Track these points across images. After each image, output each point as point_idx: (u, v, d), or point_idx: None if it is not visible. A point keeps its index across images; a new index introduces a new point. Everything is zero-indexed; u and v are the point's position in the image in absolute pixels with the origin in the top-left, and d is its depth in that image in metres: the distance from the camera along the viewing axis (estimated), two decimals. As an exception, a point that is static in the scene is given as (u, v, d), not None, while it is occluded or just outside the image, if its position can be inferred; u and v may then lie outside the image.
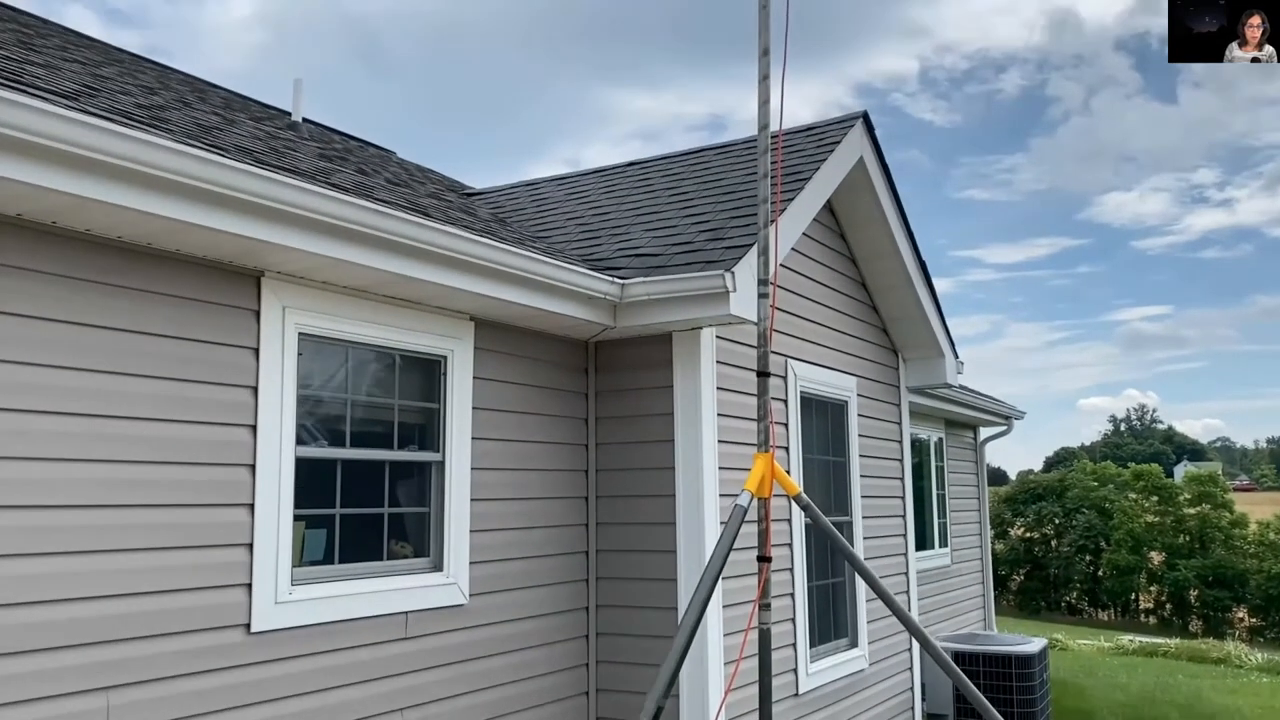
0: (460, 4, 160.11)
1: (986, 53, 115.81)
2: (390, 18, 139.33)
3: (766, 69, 4.79)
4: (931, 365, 8.99)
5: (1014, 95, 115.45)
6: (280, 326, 4.40)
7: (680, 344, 6.01)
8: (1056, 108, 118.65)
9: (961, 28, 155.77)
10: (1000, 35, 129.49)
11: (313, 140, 7.59)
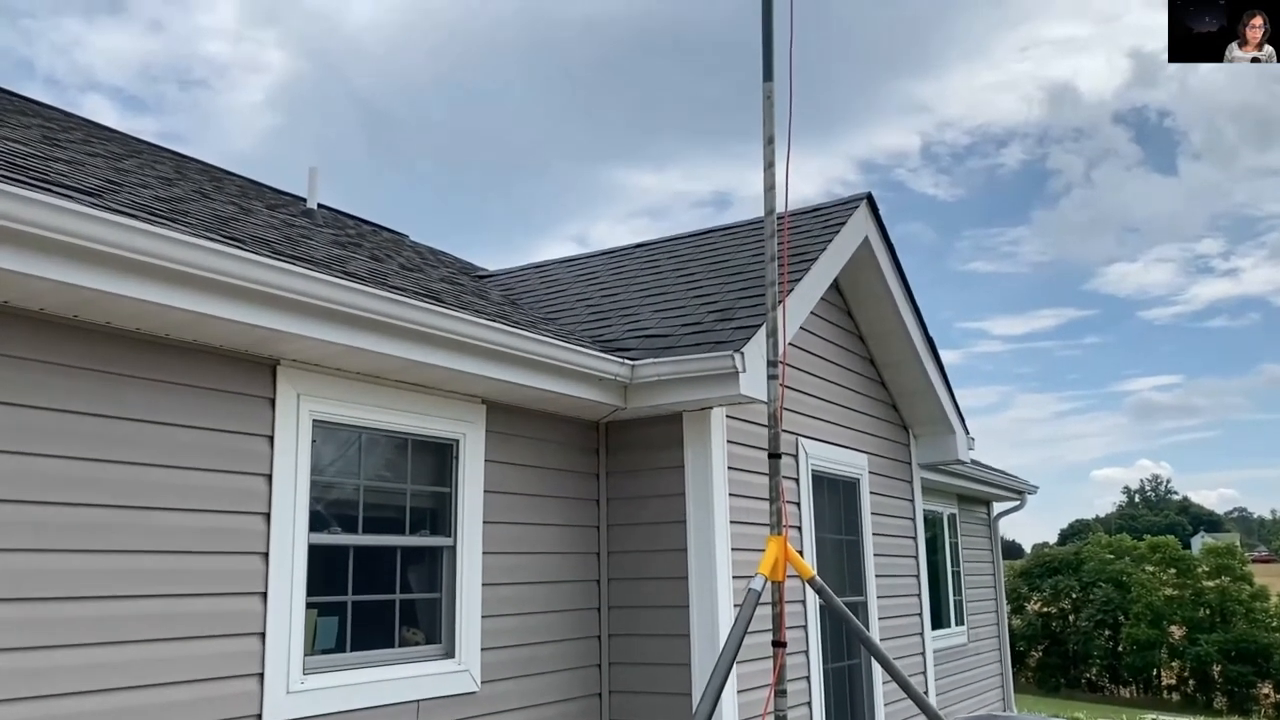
0: (467, 85, 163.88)
1: (987, 128, 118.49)
2: (399, 100, 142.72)
3: (771, 156, 4.90)
4: (943, 441, 8.97)
5: (1015, 169, 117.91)
6: (295, 414, 4.44)
7: (691, 424, 6.03)
8: (1058, 180, 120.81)
9: (962, 104, 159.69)
10: (1000, 110, 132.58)
11: (327, 227, 7.72)
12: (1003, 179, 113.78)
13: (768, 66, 4.91)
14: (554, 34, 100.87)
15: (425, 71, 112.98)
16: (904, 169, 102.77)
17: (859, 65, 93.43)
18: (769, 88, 4.90)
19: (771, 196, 4.95)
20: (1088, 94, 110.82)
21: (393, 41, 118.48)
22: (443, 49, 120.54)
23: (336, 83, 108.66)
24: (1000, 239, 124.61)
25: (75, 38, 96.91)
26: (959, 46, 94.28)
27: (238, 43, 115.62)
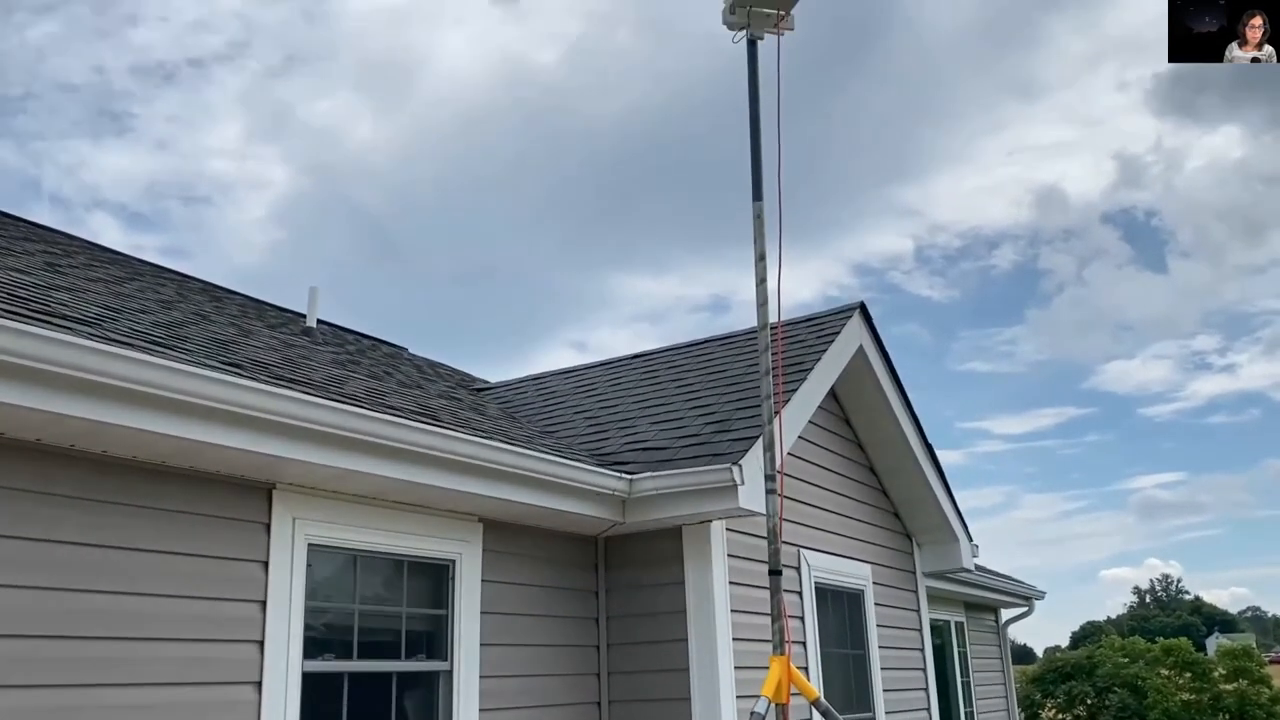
0: (466, 196, 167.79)
1: (978, 230, 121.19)
2: (399, 214, 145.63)
3: (763, 272, 4.97)
4: (946, 549, 8.87)
5: (1008, 270, 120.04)
6: (290, 538, 4.40)
7: (690, 538, 5.96)
8: (1050, 280, 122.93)
9: (952, 207, 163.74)
10: (990, 213, 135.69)
11: (327, 345, 7.78)
12: (996, 280, 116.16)
13: (756, 186, 5.02)
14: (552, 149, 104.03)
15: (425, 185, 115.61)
16: (898, 271, 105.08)
17: (849, 172, 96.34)
18: (759, 207, 5.00)
19: (764, 311, 5.00)
20: (1075, 196, 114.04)
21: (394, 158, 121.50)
22: (443, 164, 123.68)
23: (339, 198, 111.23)
24: (996, 339, 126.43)
25: (82, 158, 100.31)
26: (946, 153, 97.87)
27: (242, 160, 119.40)
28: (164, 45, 50.44)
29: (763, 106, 5.11)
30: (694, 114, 23.66)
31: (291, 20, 57.85)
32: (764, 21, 5.02)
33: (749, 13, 4.99)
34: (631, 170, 57.96)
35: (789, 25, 5.04)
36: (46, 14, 46.58)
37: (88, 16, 54.76)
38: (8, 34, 41.17)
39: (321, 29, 51.52)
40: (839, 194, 56.64)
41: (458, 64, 62.21)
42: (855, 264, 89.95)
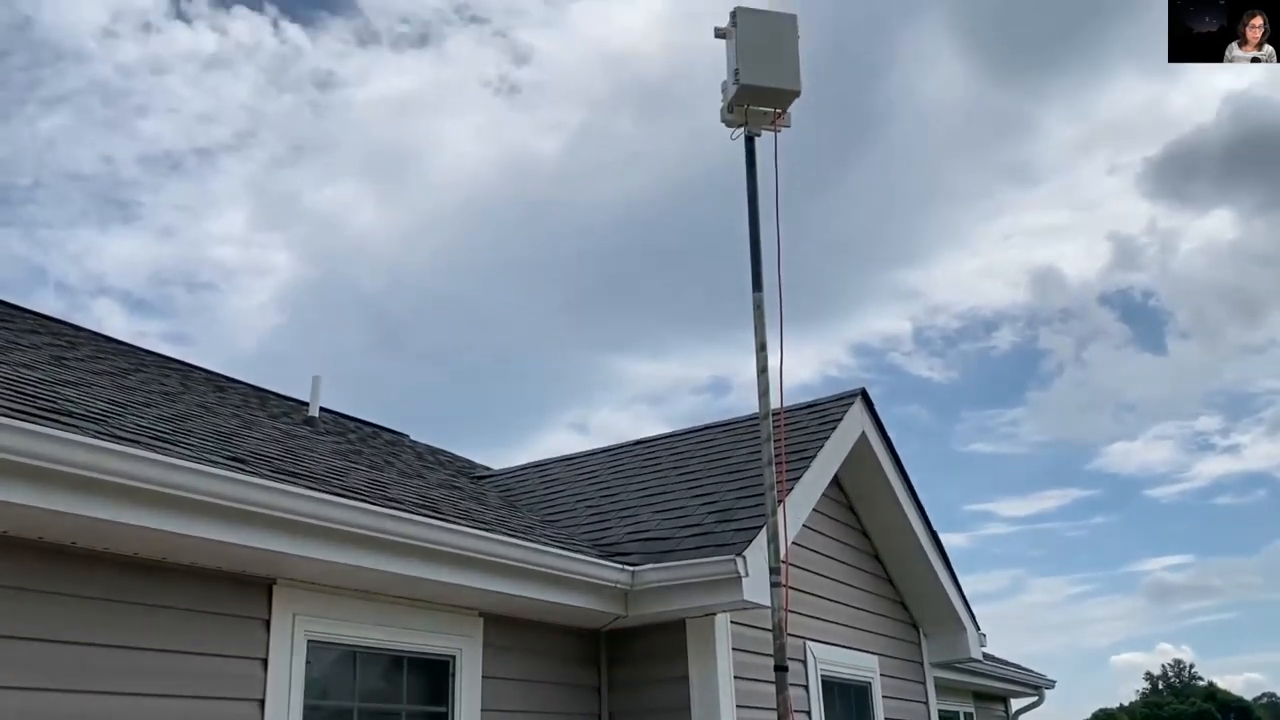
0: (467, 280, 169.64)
1: (976, 312, 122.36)
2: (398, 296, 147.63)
3: (764, 361, 5.00)
4: (953, 639, 8.73)
5: (1007, 351, 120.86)
6: (290, 635, 4.34)
7: (694, 632, 5.88)
8: (1049, 361, 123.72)
9: (950, 289, 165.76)
10: (988, 295, 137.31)
11: (329, 434, 7.78)
12: (996, 361, 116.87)
13: (756, 277, 5.08)
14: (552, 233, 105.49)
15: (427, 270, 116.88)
16: (898, 353, 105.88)
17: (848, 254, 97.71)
18: (759, 297, 5.05)
19: (766, 401, 5.01)
20: (1072, 277, 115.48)
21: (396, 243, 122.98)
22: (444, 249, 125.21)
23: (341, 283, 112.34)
24: (999, 420, 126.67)
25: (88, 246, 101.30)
26: (944, 236, 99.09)
27: (246, 247, 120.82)
28: (172, 135, 52.08)
29: (762, 198, 5.21)
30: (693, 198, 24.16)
31: (298, 111, 59.65)
32: (761, 119, 5.13)
33: (746, 111, 5.11)
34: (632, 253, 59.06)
35: (786, 123, 5.16)
36: (57, 105, 48.22)
37: (97, 108, 56.62)
38: (20, 126, 42.54)
39: (327, 119, 53.22)
40: (838, 276, 57.70)
41: (460, 152, 64.26)
42: (855, 345, 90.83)
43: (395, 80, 19.75)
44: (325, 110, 18.97)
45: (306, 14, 20.69)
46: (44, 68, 17.31)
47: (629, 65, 16.46)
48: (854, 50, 13.41)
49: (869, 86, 13.66)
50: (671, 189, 16.90)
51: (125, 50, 17.86)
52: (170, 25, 17.64)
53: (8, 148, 18.23)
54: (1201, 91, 25.88)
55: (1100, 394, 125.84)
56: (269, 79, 18.74)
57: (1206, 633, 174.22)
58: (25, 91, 17.61)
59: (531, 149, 16.72)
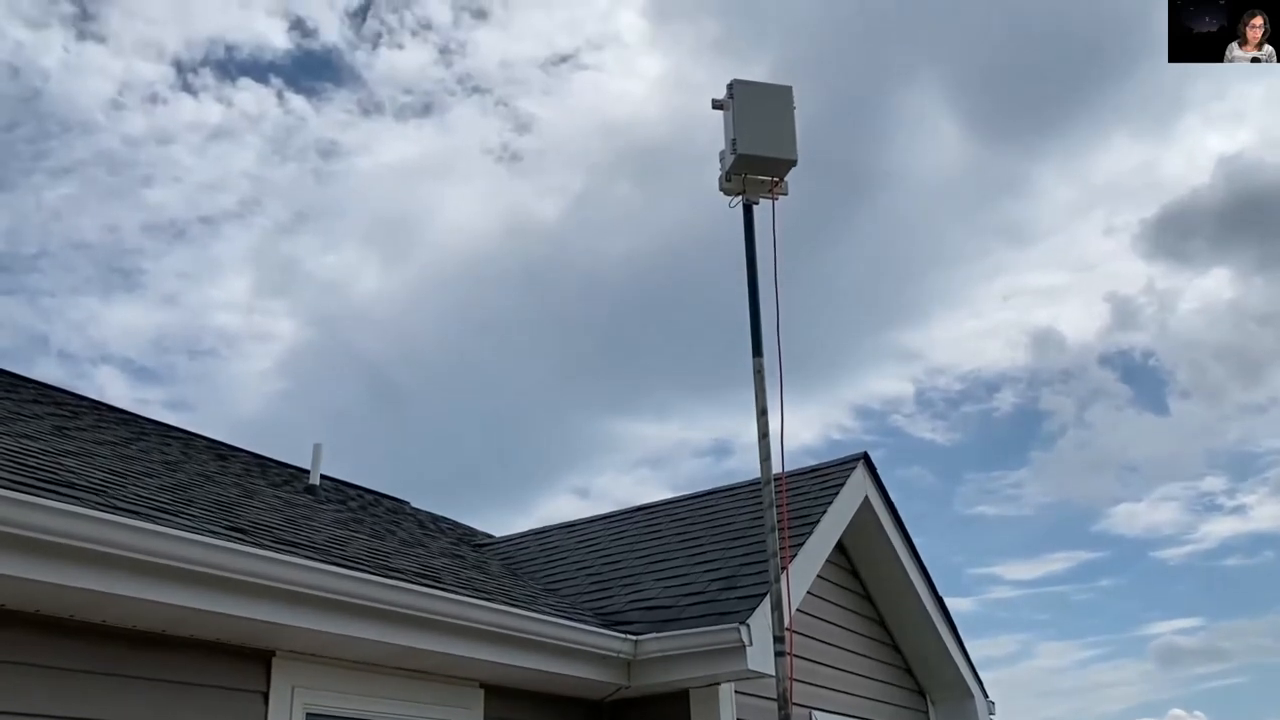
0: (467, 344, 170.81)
1: (977, 373, 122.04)
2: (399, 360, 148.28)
3: (765, 427, 5.00)
4: (961, 707, 8.60)
5: (1009, 412, 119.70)
6: (289, 708, 4.28)
7: (698, 702, 5.80)
8: (1051, 422, 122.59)
9: (951, 351, 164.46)
10: (988, 356, 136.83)
11: (329, 502, 7.76)
12: (998, 422, 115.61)
13: (756, 342, 5.10)
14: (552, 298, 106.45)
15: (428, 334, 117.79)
16: (900, 415, 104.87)
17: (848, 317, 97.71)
18: (759, 363, 5.07)
19: (768, 467, 5.00)
20: (1071, 338, 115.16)
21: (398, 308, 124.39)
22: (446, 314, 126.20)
23: (343, 349, 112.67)
24: (1002, 482, 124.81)
25: (91, 314, 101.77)
26: (943, 298, 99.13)
27: (249, 314, 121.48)
28: (176, 204, 52.53)
29: (763, 261, 5.26)
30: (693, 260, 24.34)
31: (301, 179, 60.43)
32: (759, 188, 5.21)
33: (744, 180, 5.18)
34: (632, 317, 59.43)
35: (783, 190, 5.23)
36: (63, 176, 48.78)
37: (103, 177, 57.35)
38: (26, 196, 43.03)
39: (331, 187, 53.77)
40: (838, 338, 57.62)
41: (462, 218, 64.89)
42: (856, 407, 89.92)
43: (398, 148, 20.00)
44: (328, 178, 19.20)
45: (311, 85, 20.99)
46: (51, 139, 17.61)
47: (628, 131, 16.61)
48: (849, 115, 13.63)
49: (864, 151, 13.87)
50: (672, 251, 16.98)
51: (132, 121, 18.16)
52: (176, 97, 17.94)
53: (14, 217, 18.43)
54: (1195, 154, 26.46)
55: (1103, 454, 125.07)
56: (273, 148, 19.01)
57: (1219, 697, 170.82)
58: (31, 162, 17.94)
59: (532, 213, 16.76)
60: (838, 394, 21.41)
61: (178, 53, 17.99)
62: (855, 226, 17.47)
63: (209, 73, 18.95)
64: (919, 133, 16.85)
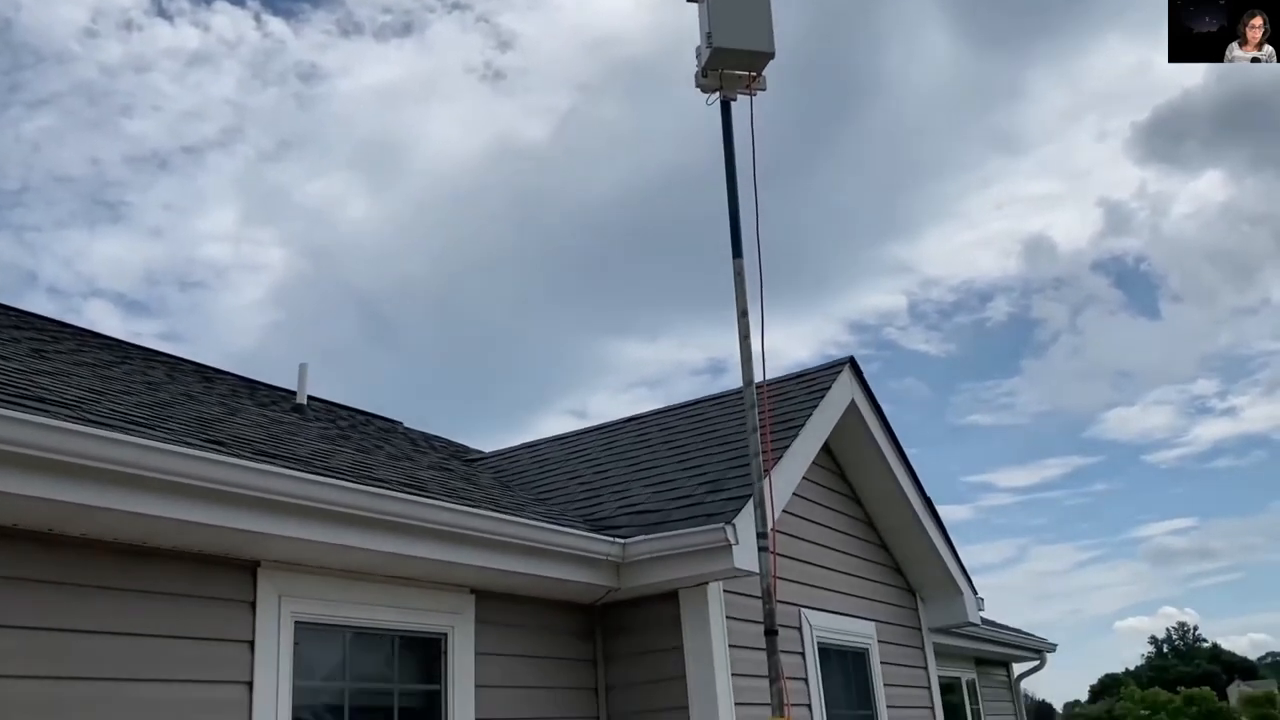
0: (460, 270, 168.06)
1: (970, 284, 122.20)
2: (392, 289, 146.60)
3: (746, 329, 4.96)
4: (951, 603, 8.74)
5: (1002, 321, 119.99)
6: (276, 617, 4.32)
7: (688, 602, 5.87)
8: (1044, 329, 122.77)
9: (943, 263, 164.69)
10: (981, 266, 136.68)
11: (317, 421, 7.75)
12: (991, 332, 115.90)
13: (736, 243, 5.04)
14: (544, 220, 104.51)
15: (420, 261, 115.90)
16: (893, 328, 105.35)
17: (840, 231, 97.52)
18: (739, 264, 5.02)
19: (749, 368, 4.98)
20: (1064, 245, 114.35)
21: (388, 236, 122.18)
22: (436, 240, 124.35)
23: (334, 278, 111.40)
24: (996, 390, 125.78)
25: (78, 248, 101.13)
26: (935, 209, 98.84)
27: (237, 244, 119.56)
28: (157, 134, 51.91)
29: (742, 165, 5.17)
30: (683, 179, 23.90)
31: (283, 105, 59.43)
32: (736, 83, 5.09)
33: (720, 76, 5.06)
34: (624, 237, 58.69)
35: (761, 85, 5.11)
36: (41, 108, 47.87)
37: (82, 108, 56.49)
38: (4, 129, 42.19)
39: (313, 112, 52.88)
40: (830, 253, 57.49)
41: (448, 141, 63.76)
42: (850, 322, 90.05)
43: (379, 70, 19.67)
44: (310, 103, 18.93)
45: (288, 6, 20.56)
46: (26, 70, 17.29)
47: (614, 47, 16.17)
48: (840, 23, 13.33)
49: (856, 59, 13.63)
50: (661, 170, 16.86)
51: (107, 49, 17.76)
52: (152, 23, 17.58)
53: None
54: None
55: (1096, 361, 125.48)
56: (253, 73, 18.70)
57: (1210, 595, 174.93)
58: (8, 95, 17.65)
59: (519, 135, 16.55)
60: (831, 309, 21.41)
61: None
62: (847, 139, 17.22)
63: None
64: (910, 40, 16.49)
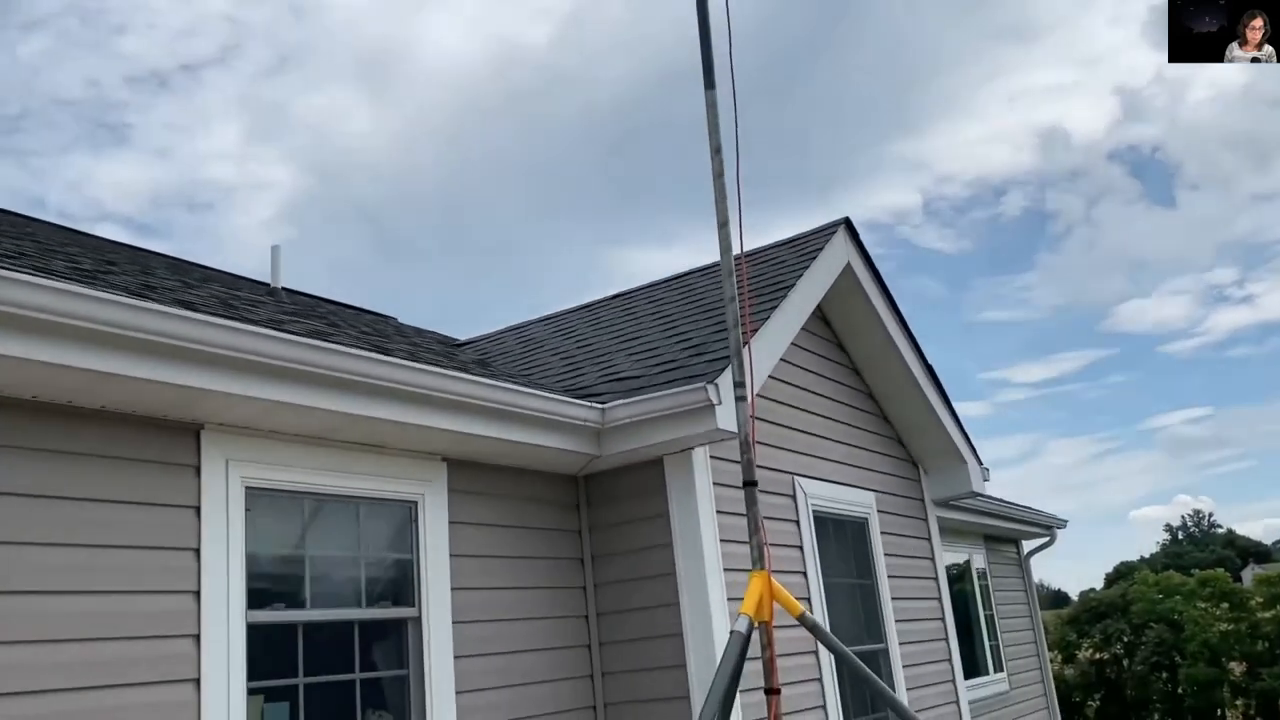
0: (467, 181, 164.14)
1: (984, 179, 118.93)
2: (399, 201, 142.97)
3: (720, 167, 4.53)
4: (955, 474, 8.52)
5: (1016, 215, 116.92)
6: (224, 481, 4.09)
7: (673, 468, 5.64)
8: (1059, 222, 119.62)
9: (957, 158, 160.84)
10: (995, 161, 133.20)
11: (289, 304, 7.44)
12: (1006, 227, 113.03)
13: (708, 72, 4.63)
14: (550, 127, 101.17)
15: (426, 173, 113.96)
16: (908, 226, 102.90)
17: (850, 128, 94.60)
18: (711, 96, 4.62)
19: (726, 234, 4.53)
20: (1078, 135, 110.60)
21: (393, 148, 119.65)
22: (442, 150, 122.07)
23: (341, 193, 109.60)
24: (1011, 285, 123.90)
25: (85, 172, 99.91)
26: (946, 104, 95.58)
27: (242, 163, 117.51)
28: (155, 53, 50.44)
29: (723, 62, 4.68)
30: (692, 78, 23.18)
31: (280, 18, 57.64)
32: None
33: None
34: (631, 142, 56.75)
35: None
36: (35, 30, 46.48)
37: (76, 29, 54.89)
38: (0, 54, 41.01)
39: (311, 24, 51.21)
40: (842, 152, 55.58)
41: (448, 49, 61.61)
42: (863, 220, 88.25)
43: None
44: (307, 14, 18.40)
45: None
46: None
47: None
48: None
49: None
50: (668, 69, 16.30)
51: None
52: None
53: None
54: (1210, -74, 24.59)
55: (1112, 253, 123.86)
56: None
57: (1225, 482, 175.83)
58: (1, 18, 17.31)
59: (521, 39, 15.68)
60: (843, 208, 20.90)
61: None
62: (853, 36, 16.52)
63: (171, -95, 17.66)
64: None
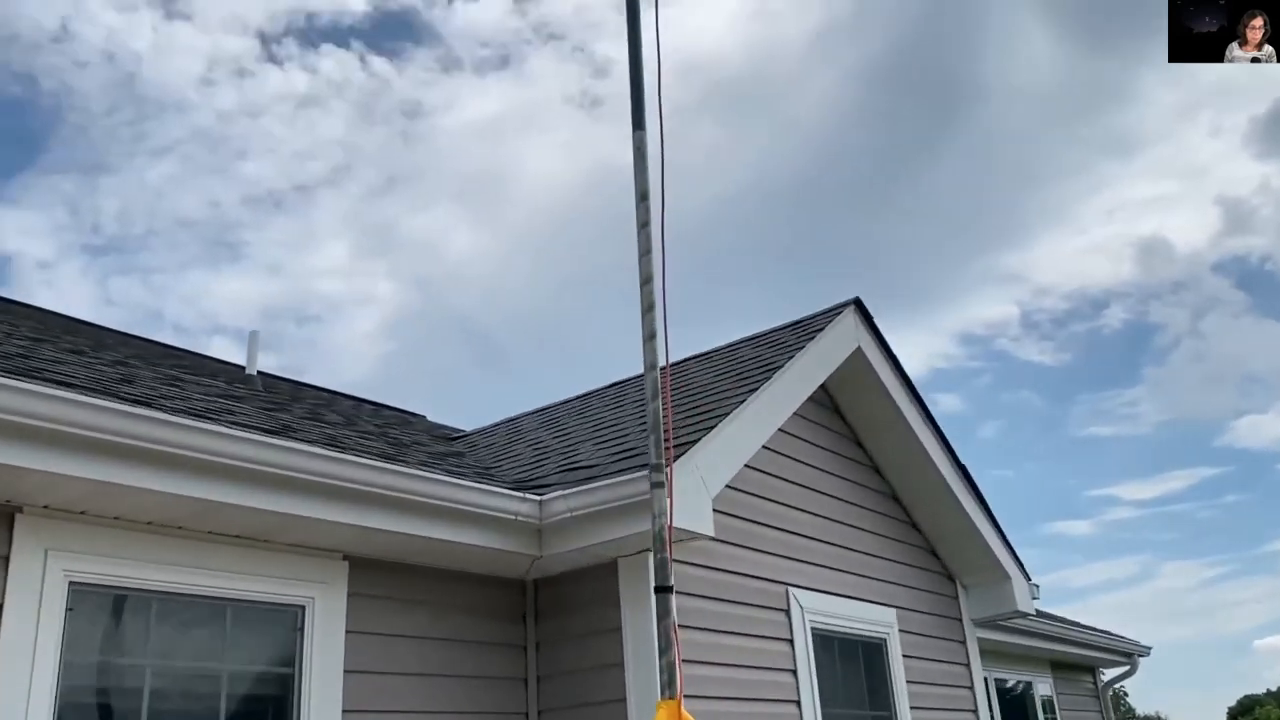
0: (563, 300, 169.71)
1: (1084, 291, 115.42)
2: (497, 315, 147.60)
3: (650, 298, 3.82)
4: (998, 591, 7.47)
5: (1118, 328, 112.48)
6: (39, 575, 3.48)
7: (627, 572, 4.87)
8: (1164, 335, 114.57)
9: (1055, 270, 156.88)
10: (1094, 273, 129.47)
11: (264, 394, 6.89)
12: (1108, 340, 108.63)
13: (638, 111, 4.04)
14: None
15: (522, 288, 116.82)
16: (1005, 338, 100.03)
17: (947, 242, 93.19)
18: (640, 137, 4.01)
19: (652, 348, 3.70)
20: (1181, 246, 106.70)
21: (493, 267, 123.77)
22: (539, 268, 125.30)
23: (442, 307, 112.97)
24: (1116, 400, 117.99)
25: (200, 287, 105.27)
26: (1045, 217, 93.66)
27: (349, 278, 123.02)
28: (272, 175, 53.35)
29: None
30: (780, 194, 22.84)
31: (390, 142, 60.51)
32: None
33: None
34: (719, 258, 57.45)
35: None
36: (163, 156, 49.84)
37: (201, 155, 58.64)
38: (130, 178, 44.21)
39: (419, 148, 53.54)
40: (937, 265, 54.83)
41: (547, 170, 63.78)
42: (959, 334, 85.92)
43: (480, 104, 20.35)
44: (415, 139, 19.53)
45: (391, 46, 21.41)
46: (148, 120, 18.52)
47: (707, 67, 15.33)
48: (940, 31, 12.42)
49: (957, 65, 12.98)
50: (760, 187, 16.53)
51: (223, 96, 18.66)
52: (263, 68, 18.52)
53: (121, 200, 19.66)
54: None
55: (1222, 366, 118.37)
56: (360, 113, 19.50)
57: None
58: (133, 144, 19.02)
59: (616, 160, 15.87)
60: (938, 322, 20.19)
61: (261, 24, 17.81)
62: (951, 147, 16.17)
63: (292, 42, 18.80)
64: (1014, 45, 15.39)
